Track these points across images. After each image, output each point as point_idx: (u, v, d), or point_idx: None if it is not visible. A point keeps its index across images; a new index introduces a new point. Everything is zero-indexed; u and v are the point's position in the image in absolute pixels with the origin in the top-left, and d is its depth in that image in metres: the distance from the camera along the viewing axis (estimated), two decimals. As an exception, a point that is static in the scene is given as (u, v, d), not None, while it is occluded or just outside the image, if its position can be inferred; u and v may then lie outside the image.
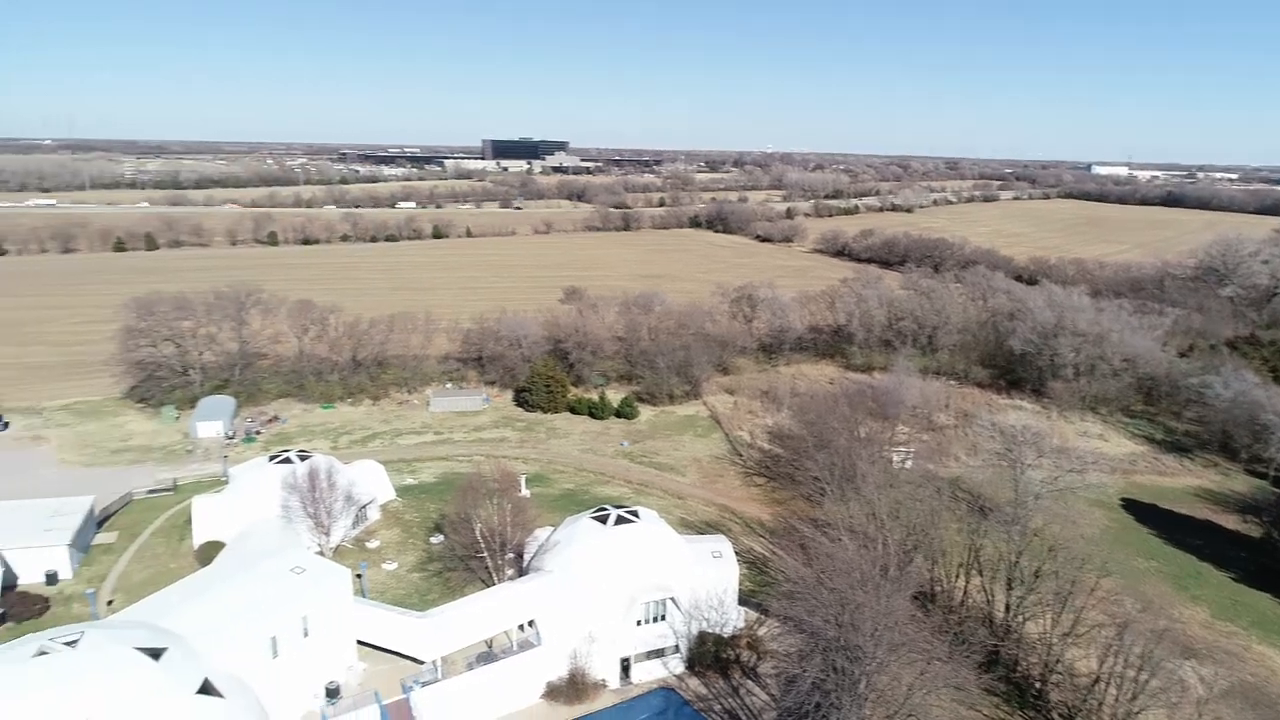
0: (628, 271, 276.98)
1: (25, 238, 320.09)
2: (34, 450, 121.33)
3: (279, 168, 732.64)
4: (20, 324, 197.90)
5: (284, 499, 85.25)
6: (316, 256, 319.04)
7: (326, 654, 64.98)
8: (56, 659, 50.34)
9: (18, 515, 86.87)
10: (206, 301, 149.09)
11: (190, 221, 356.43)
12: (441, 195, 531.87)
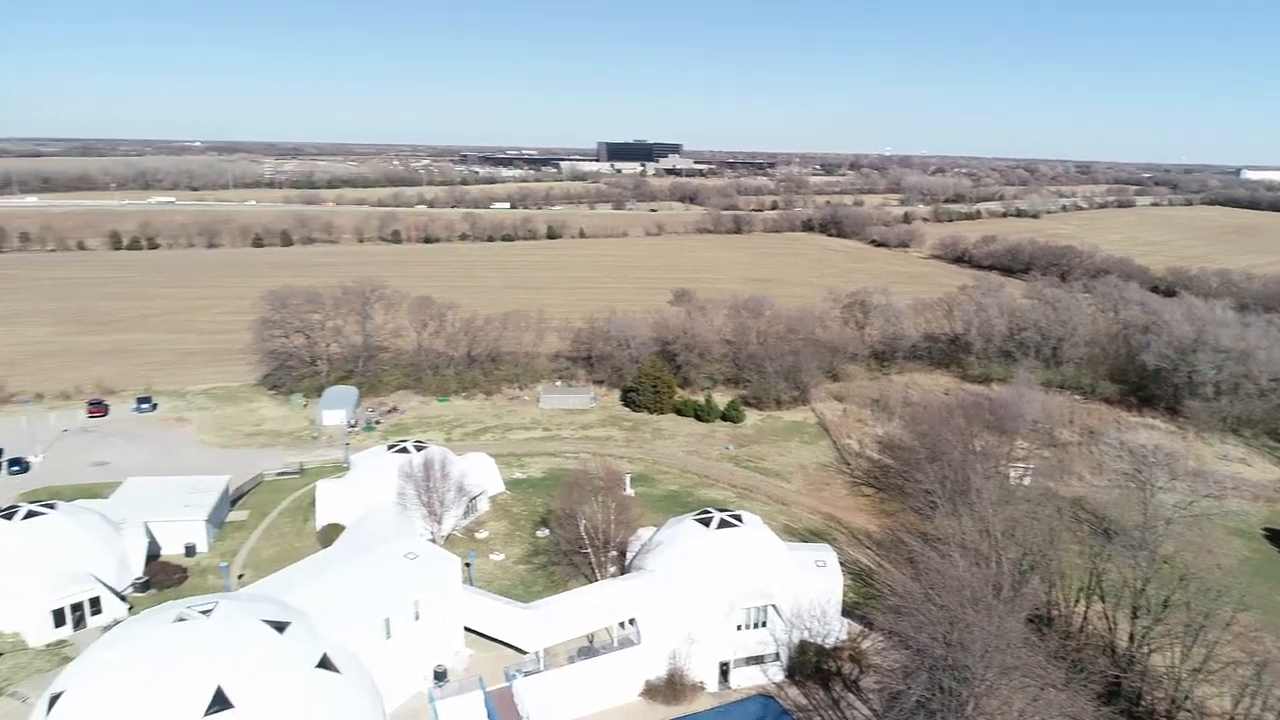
0: (737, 274, 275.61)
1: (176, 233, 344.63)
2: (177, 431, 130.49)
3: (404, 169, 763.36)
4: (173, 313, 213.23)
5: (400, 487, 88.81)
6: (436, 254, 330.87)
7: (435, 638, 67.36)
8: (193, 625, 54.09)
9: (162, 491, 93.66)
10: (334, 296, 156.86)
11: (321, 219, 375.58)
12: (556, 197, 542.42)
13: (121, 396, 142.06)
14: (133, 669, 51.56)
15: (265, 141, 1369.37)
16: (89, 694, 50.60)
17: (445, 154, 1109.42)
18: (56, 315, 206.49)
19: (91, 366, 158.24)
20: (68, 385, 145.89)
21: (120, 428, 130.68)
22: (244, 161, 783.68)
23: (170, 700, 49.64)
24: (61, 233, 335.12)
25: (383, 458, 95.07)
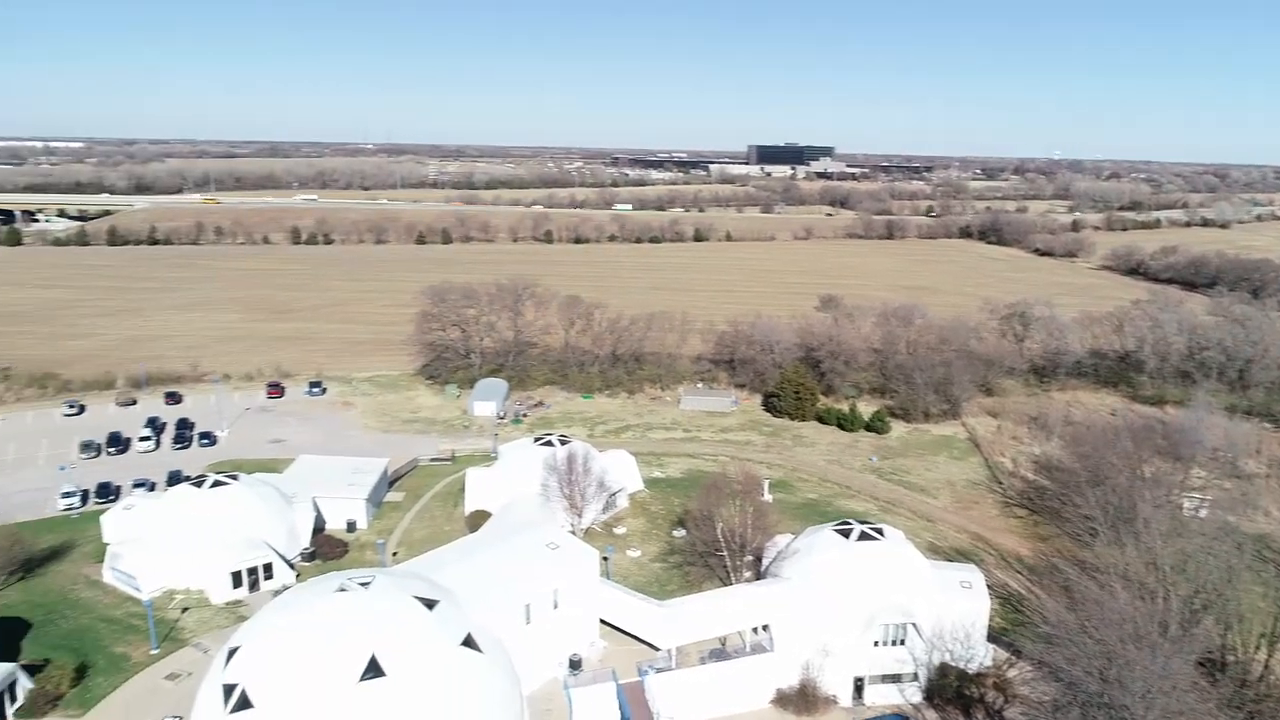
0: (888, 281, 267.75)
1: (348, 229, 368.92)
2: (343, 414, 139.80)
3: (558, 170, 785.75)
4: (344, 304, 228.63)
5: (544, 479, 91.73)
6: (586, 255, 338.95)
7: (572, 628, 69.28)
8: (353, 596, 58.01)
9: (327, 469, 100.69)
10: (489, 293, 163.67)
11: (479, 219, 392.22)
12: (704, 199, 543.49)
13: (296, 380, 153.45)
14: (299, 632, 55.85)
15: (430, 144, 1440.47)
16: (261, 651, 55.18)
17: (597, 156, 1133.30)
18: (243, 303, 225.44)
19: (271, 351, 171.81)
20: (250, 368, 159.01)
21: (294, 408, 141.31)
22: (411, 163, 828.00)
23: (331, 664, 53.43)
24: (249, 228, 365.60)
25: (529, 450, 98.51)
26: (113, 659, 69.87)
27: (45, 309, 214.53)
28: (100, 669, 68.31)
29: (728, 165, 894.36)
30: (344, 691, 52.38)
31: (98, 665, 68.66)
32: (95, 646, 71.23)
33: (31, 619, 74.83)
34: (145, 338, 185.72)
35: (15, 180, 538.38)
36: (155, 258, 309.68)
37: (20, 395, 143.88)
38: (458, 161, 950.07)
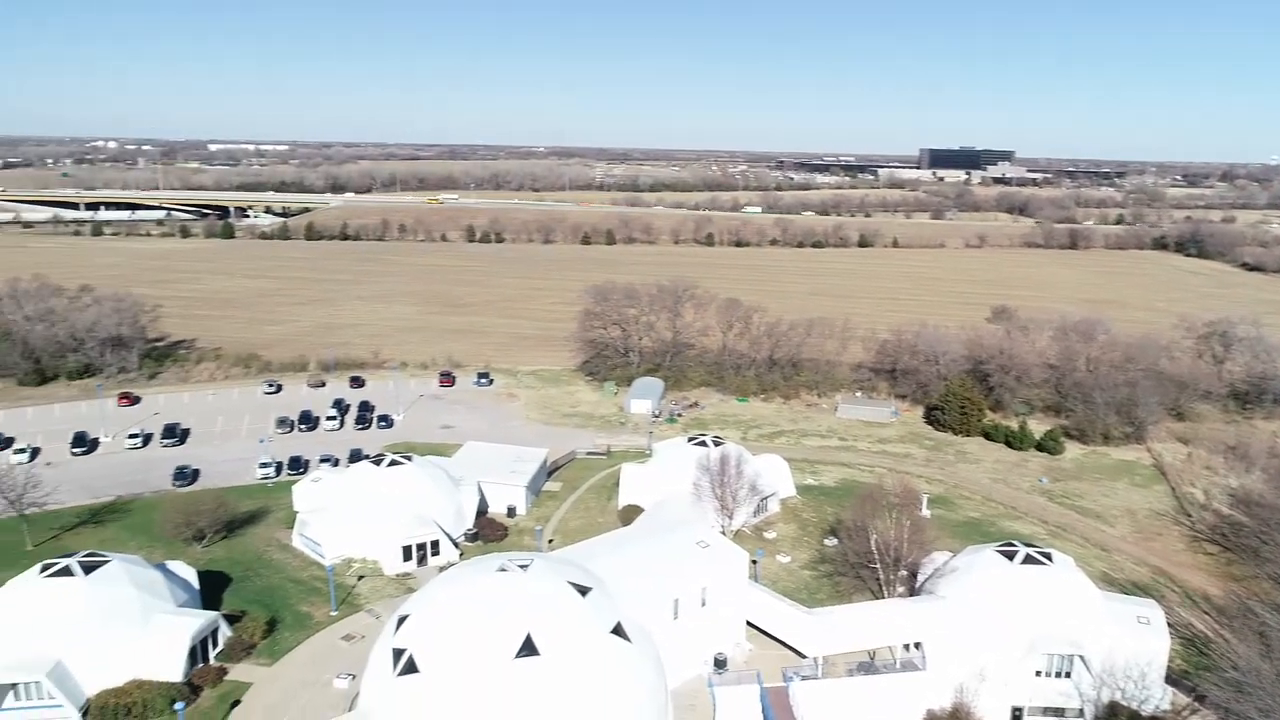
0: (1068, 294, 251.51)
1: (518, 229, 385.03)
2: (507, 405, 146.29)
3: (722, 174, 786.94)
4: (512, 300, 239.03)
5: (696, 478, 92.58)
6: (746, 258, 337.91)
7: (718, 627, 69.77)
8: (513, 577, 60.94)
9: (492, 456, 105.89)
10: (650, 293, 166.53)
11: (642, 221, 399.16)
12: (871, 204, 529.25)
13: (466, 371, 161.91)
14: (462, 606, 59.29)
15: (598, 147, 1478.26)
16: (428, 620, 58.96)
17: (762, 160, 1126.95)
18: (421, 297, 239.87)
19: (444, 343, 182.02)
20: (425, 357, 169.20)
21: (463, 397, 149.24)
22: (579, 165, 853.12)
23: (489, 639, 56.40)
24: (429, 226, 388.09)
25: (683, 449, 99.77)
26: (298, 617, 76.56)
27: (251, 297, 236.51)
28: (287, 624, 75.00)
29: (897, 169, 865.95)
30: (500, 666, 55.15)
31: (285, 621, 75.42)
32: (284, 604, 78.26)
33: (232, 574, 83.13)
34: (335, 325, 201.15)
35: (231, 180, 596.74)
36: (346, 252, 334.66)
37: (228, 373, 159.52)
38: (624, 164, 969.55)
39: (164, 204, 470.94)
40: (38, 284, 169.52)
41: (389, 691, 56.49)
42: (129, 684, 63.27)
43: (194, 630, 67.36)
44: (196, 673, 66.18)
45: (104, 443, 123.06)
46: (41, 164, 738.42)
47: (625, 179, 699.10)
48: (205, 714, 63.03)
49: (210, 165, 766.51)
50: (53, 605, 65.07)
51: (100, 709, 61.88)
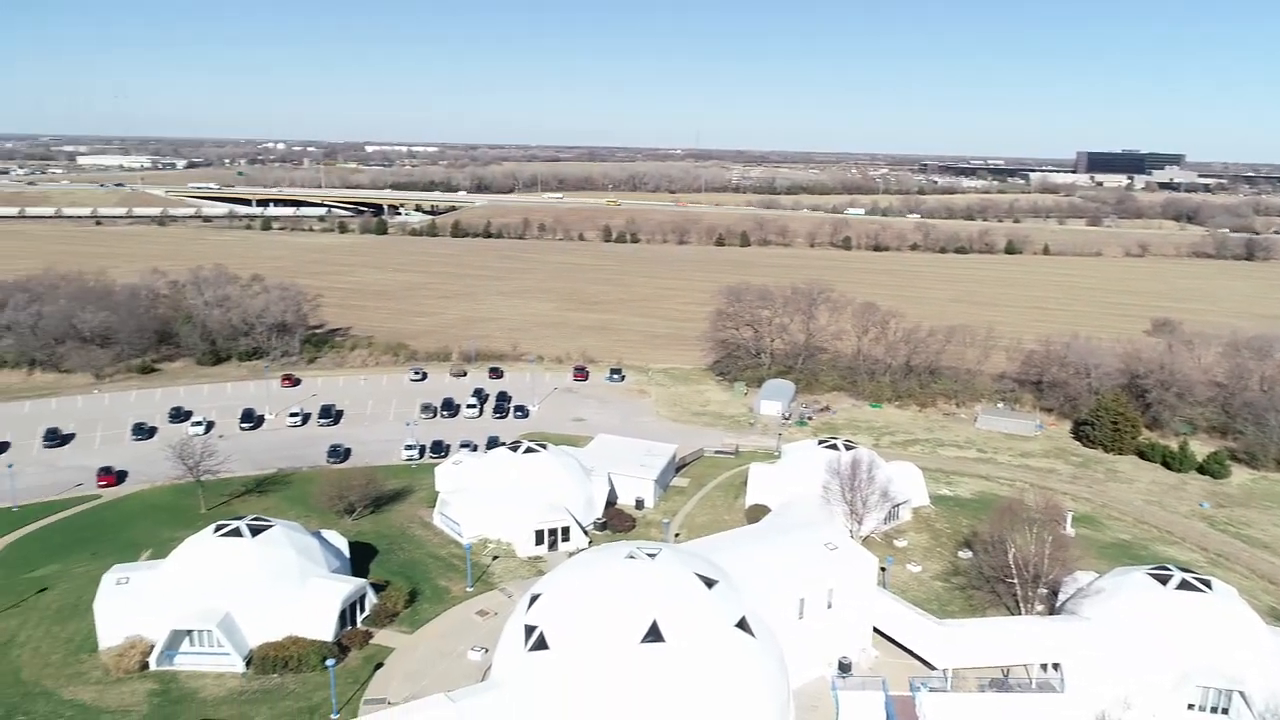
0: (1240, 308, 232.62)
1: (653, 230, 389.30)
2: (638, 401, 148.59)
3: (861, 177, 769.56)
4: (646, 299, 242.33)
5: (826, 481, 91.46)
6: (884, 263, 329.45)
7: (844, 630, 68.90)
8: (641, 564, 62.30)
9: (622, 449, 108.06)
10: (784, 295, 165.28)
11: (777, 223, 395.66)
12: (1021, 210, 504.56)
13: (599, 366, 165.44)
14: (592, 589, 61.14)
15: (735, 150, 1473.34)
16: (558, 600, 61.11)
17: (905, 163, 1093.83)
18: (558, 294, 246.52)
19: (579, 339, 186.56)
20: (560, 352, 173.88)
21: (595, 392, 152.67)
22: (715, 168, 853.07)
23: (617, 622, 57.91)
24: (567, 225, 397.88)
25: (812, 451, 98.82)
26: (437, 590, 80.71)
27: (400, 289, 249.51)
28: (427, 597, 79.20)
29: (1050, 174, 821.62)
30: (626, 649, 56.56)
31: (425, 593, 79.66)
32: (424, 577, 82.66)
33: (378, 546, 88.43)
34: (476, 319, 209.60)
35: (385, 179, 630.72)
36: (488, 249, 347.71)
37: (379, 360, 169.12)
38: (761, 167, 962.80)
39: (325, 201, 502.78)
40: (217, 272, 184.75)
41: (520, 665, 58.93)
42: (286, 639, 68.58)
43: (345, 595, 72.25)
44: (345, 634, 70.94)
45: (268, 420, 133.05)
46: (220, 164, 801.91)
47: (761, 181, 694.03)
48: (352, 673, 67.48)
49: (367, 166, 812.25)
50: (224, 563, 71.27)
51: (262, 659, 67.37)
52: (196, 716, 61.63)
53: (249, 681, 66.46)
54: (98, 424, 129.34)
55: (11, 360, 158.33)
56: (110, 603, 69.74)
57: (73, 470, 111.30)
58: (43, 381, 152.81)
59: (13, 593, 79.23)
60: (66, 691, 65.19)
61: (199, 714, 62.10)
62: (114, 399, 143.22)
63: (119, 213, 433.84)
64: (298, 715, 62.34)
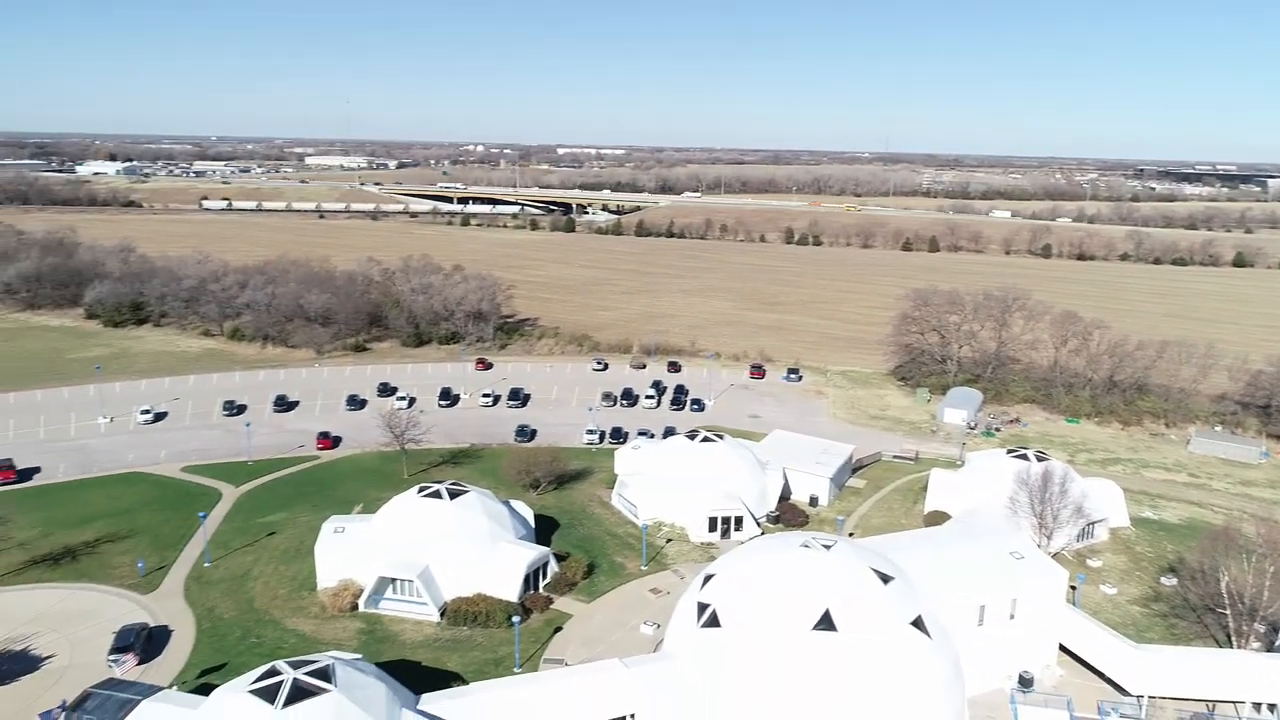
0: None
1: (836, 233, 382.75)
2: (814, 401, 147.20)
3: (1067, 182, 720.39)
4: (825, 301, 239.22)
5: (1013, 491, 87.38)
6: (1088, 272, 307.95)
7: (1026, 643, 65.85)
8: (815, 554, 62.47)
9: (798, 445, 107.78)
10: (975, 300, 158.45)
11: (970, 229, 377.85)
12: (1255, 219, 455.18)
13: (775, 365, 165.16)
14: (765, 573, 62.02)
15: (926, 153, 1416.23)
16: (732, 581, 62.45)
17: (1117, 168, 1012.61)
18: (737, 293, 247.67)
19: (756, 337, 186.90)
20: (738, 350, 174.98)
21: (771, 390, 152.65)
22: (904, 171, 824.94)
23: (789, 606, 58.51)
24: (749, 226, 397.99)
25: (1000, 460, 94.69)
26: (613, 565, 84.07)
27: (586, 284, 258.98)
28: (603, 570, 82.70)
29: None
30: (797, 634, 57.04)
31: (602, 567, 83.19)
32: (601, 552, 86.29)
33: (560, 520, 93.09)
34: (656, 315, 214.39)
35: (574, 180, 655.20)
36: (670, 248, 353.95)
37: (564, 350, 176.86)
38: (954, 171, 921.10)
39: (519, 200, 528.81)
40: (423, 262, 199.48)
41: (691, 640, 60.73)
42: (476, 596, 73.89)
43: (530, 560, 76.82)
44: (529, 597, 75.44)
45: (463, 399, 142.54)
46: (426, 164, 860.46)
47: (954, 185, 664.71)
48: (533, 633, 71.74)
49: (558, 167, 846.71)
50: (425, 521, 77.65)
51: (454, 612, 72.97)
52: (397, 655, 67.62)
53: (442, 630, 72.18)
54: (318, 394, 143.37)
55: (249, 335, 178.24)
56: (328, 548, 77.74)
57: (296, 433, 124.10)
58: (273, 355, 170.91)
59: (248, 534, 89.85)
60: (289, 622, 73.40)
61: (399, 653, 68.11)
62: (331, 373, 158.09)
63: (338, 208, 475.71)
64: (484, 665, 67.07)
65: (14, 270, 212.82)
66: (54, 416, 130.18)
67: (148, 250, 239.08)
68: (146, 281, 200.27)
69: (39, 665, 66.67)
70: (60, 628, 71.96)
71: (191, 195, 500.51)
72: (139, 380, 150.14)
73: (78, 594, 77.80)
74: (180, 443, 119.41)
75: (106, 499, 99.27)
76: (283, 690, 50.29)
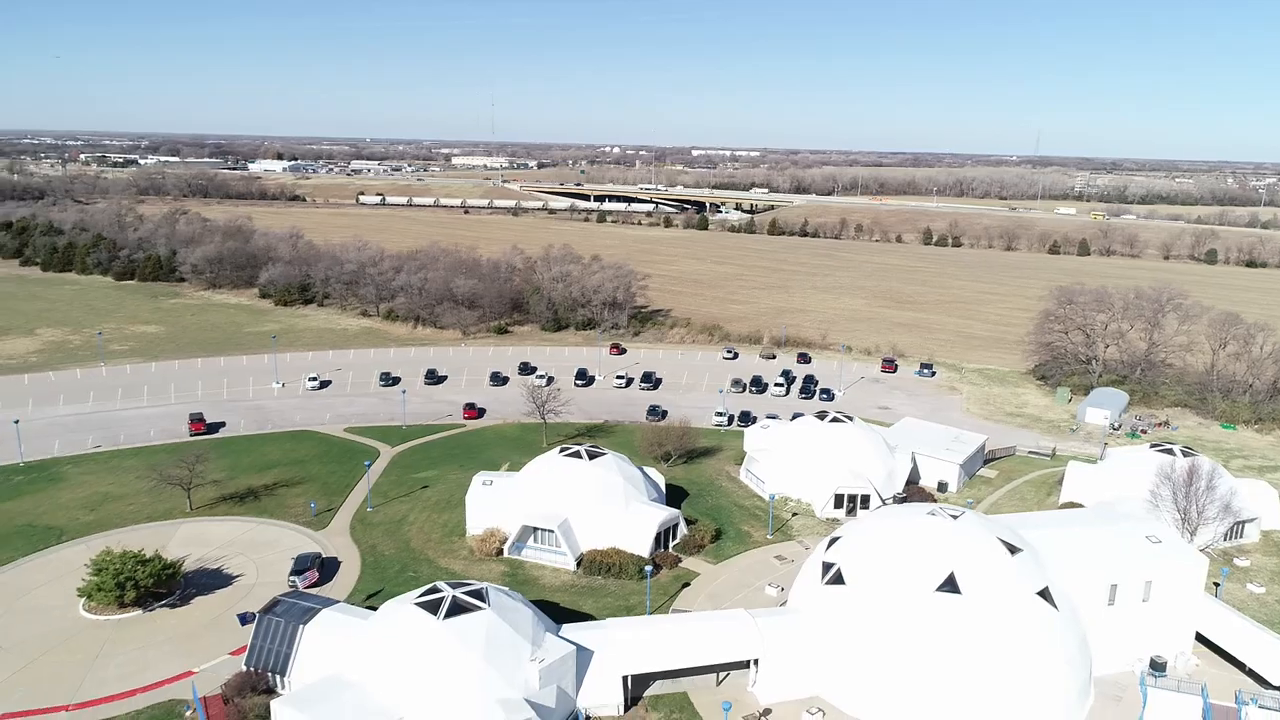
0: None
1: (978, 234, 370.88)
2: (948, 397, 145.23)
3: (1239, 187, 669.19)
4: (965, 301, 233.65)
5: (1155, 485, 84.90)
6: (1258, 279, 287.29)
7: (1160, 628, 64.75)
8: (942, 521, 63.76)
9: (928, 433, 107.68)
10: (1125, 299, 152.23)
11: (1125, 232, 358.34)
12: None
13: (907, 361, 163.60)
14: (890, 537, 63.90)
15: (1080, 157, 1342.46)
16: (857, 543, 64.66)
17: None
18: (871, 292, 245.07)
19: (889, 334, 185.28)
20: (869, 344, 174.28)
21: (903, 384, 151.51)
22: (1055, 174, 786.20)
23: (913, 568, 60.25)
24: (885, 227, 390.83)
25: (1141, 453, 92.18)
26: (739, 533, 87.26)
27: (718, 279, 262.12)
28: (730, 537, 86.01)
29: None
30: (920, 594, 58.73)
31: (728, 534, 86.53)
32: (728, 521, 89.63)
33: (689, 490, 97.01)
34: (788, 310, 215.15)
35: (709, 180, 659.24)
36: (804, 247, 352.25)
37: (695, 339, 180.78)
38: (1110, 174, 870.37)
39: (653, 198, 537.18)
40: (564, 252, 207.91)
41: (816, 595, 63.31)
42: (610, 549, 78.67)
43: (661, 519, 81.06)
44: (658, 555, 79.61)
45: (598, 380, 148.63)
46: (564, 164, 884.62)
47: (1110, 189, 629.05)
48: (662, 587, 75.84)
49: (691, 169, 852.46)
50: (565, 478, 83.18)
51: (590, 562, 78.00)
52: (537, 596, 73.06)
53: (578, 579, 77.31)
54: (464, 370, 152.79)
55: (402, 315, 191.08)
56: (477, 498, 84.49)
57: (444, 404, 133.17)
58: (423, 334, 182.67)
59: (403, 486, 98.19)
60: (441, 561, 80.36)
61: (539, 595, 73.55)
62: (476, 352, 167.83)
63: (482, 203, 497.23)
64: (616, 610, 71.56)
65: (200, 253, 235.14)
66: (235, 380, 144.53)
67: (313, 238, 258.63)
68: (312, 265, 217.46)
69: (231, 581, 76.02)
70: (247, 552, 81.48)
71: (349, 191, 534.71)
72: (306, 352, 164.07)
73: (260, 527, 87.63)
74: (342, 407, 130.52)
75: (281, 451, 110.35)
76: (444, 605, 56.27)
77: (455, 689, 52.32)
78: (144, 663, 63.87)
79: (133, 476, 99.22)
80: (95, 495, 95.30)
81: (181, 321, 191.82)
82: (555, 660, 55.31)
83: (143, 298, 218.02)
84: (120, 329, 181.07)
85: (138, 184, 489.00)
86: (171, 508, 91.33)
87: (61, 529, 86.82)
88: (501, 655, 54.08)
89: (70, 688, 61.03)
